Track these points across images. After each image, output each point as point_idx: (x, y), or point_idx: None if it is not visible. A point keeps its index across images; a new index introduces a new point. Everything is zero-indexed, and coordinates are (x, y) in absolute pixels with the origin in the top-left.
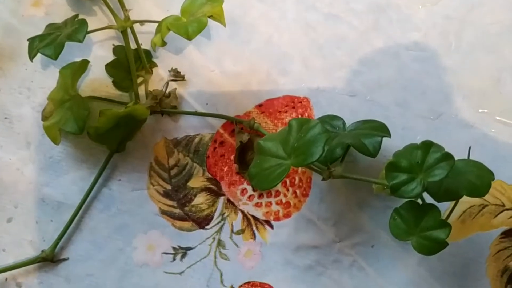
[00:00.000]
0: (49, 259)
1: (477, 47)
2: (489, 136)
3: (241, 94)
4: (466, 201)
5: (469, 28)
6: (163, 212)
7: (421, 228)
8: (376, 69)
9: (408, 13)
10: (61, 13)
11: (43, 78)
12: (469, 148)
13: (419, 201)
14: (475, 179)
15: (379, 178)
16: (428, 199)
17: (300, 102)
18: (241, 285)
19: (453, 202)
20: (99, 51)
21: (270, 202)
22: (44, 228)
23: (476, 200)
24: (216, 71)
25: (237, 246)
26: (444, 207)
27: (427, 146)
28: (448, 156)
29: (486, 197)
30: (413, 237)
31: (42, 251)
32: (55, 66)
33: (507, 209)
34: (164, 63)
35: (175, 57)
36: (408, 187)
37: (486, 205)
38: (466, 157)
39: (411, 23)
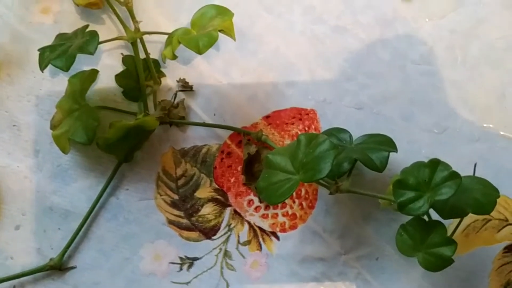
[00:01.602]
0: (57, 267)
1: (483, 61)
2: (494, 151)
3: (249, 105)
4: (470, 216)
5: (475, 42)
6: (170, 222)
7: (427, 245)
8: (383, 82)
9: (415, 27)
10: (70, 21)
11: (51, 86)
12: (475, 165)
13: (425, 217)
14: (480, 196)
15: (385, 194)
16: (434, 215)
17: (307, 114)
18: None
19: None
20: (107, 60)
21: (277, 214)
22: (51, 236)
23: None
24: (224, 82)
25: (243, 257)
26: (448, 221)
27: (435, 164)
28: (455, 175)
29: None
30: (419, 254)
31: (50, 259)
32: (63, 75)
33: (510, 224)
34: (173, 73)
35: (183, 68)
36: (416, 204)
37: (490, 220)
38: (471, 172)
39: (418, 37)
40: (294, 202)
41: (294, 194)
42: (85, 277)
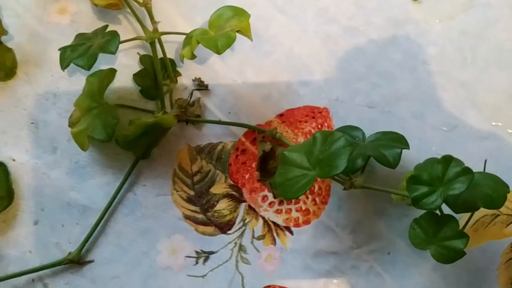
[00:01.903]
0: (75, 261)
1: (492, 62)
2: (502, 149)
3: (263, 104)
4: (479, 211)
5: (484, 44)
6: (186, 217)
7: (439, 238)
8: (394, 82)
9: (426, 28)
10: (87, 21)
11: (68, 84)
12: (485, 161)
13: (438, 212)
14: (491, 191)
15: (398, 189)
16: (446, 209)
17: (320, 112)
18: None
19: (469, 213)
20: (123, 59)
21: (290, 209)
22: (70, 231)
23: (489, 210)
24: (239, 81)
25: (258, 251)
26: (458, 215)
27: (448, 160)
28: (467, 171)
29: None
30: (432, 246)
31: (69, 253)
32: (80, 73)
33: None
34: (188, 72)
35: (199, 67)
36: (429, 199)
37: (498, 215)
38: (480, 169)
39: (428, 38)
40: (307, 198)
41: (308, 190)
42: (103, 271)
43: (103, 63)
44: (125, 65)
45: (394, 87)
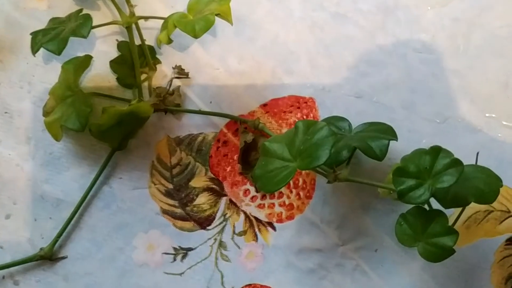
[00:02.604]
0: (47, 257)
1: (486, 50)
2: (496, 141)
3: (246, 93)
4: (471, 206)
5: (477, 31)
6: (164, 212)
7: (427, 235)
8: (383, 70)
9: (417, 14)
10: (64, 6)
11: (44, 72)
12: (477, 154)
13: (426, 206)
14: (483, 185)
15: (385, 182)
16: (435, 204)
17: (305, 102)
18: (242, 287)
19: (460, 208)
20: (101, 46)
21: (273, 204)
22: (43, 226)
23: (481, 206)
24: (221, 69)
25: (239, 247)
26: (450, 211)
27: (436, 151)
28: (457, 162)
29: None
30: (420, 244)
31: (41, 249)
32: (56, 61)
33: None
34: (168, 60)
35: (180, 54)
36: (416, 193)
37: (492, 211)
38: (473, 162)
39: (419, 25)
40: (291, 192)
41: (291, 183)
42: (76, 268)
43: (80, 50)
44: (104, 52)
45: (383, 76)
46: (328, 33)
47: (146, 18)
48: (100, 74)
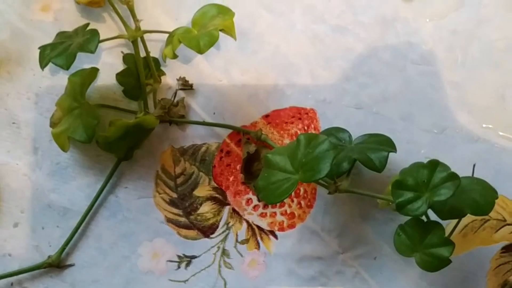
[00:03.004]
0: (55, 265)
1: (483, 62)
2: (493, 151)
3: (248, 104)
4: (468, 216)
5: (475, 43)
6: (169, 220)
7: (425, 245)
8: (383, 82)
9: (415, 27)
10: (70, 18)
11: (51, 83)
12: (473, 166)
13: (424, 218)
14: (479, 197)
15: (384, 194)
16: (432, 215)
17: (307, 113)
18: None
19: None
20: (107, 58)
21: (275, 213)
22: (50, 234)
23: None
24: (224, 81)
25: (242, 255)
26: (447, 221)
27: (434, 165)
28: (454, 176)
29: None
30: (417, 254)
31: (49, 256)
32: (63, 72)
33: (508, 224)
34: (173, 72)
35: (184, 66)
36: (414, 205)
37: (488, 220)
38: (470, 173)
39: (418, 37)
40: (292, 201)
41: (293, 193)
42: (83, 275)
43: (86, 62)
44: (109, 64)
45: (382, 88)
46: (329, 45)
47: (151, 32)
48: (106, 86)
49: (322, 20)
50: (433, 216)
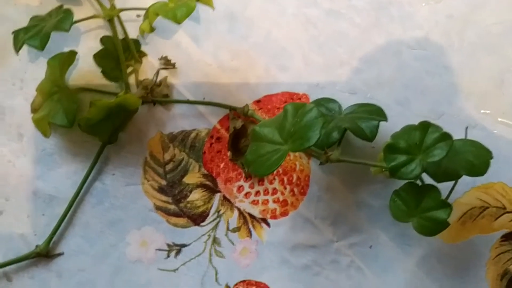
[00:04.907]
0: (43, 254)
1: (480, 47)
2: (491, 137)
3: (239, 89)
4: (466, 202)
5: (472, 27)
6: (158, 208)
7: (421, 209)
8: (377, 67)
9: (411, 11)
10: (55, 2)
11: (36, 69)
12: (466, 128)
13: (419, 182)
14: (473, 158)
15: (376, 161)
16: (428, 180)
17: (299, 98)
18: (236, 284)
19: (453, 183)
20: (87, 42)
21: (267, 200)
22: (35, 222)
23: (477, 202)
24: (214, 66)
25: (233, 244)
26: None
27: (425, 126)
28: (446, 136)
29: (487, 199)
30: (414, 219)
31: (36, 246)
32: (48, 57)
33: (508, 212)
34: (158, 55)
35: (172, 51)
36: (408, 168)
37: (487, 208)
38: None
39: (413, 21)
40: (285, 188)
41: (285, 180)
42: (69, 264)
43: (66, 46)
44: (89, 47)
45: (377, 73)
46: (322, 30)
47: (126, 10)
48: (87, 70)
49: (315, 4)
50: (428, 180)
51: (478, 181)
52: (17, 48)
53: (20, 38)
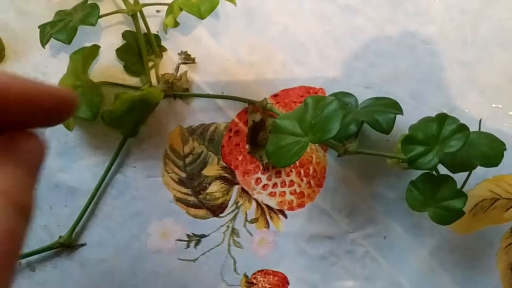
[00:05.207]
0: (66, 244)
1: (493, 42)
2: (502, 131)
3: (257, 84)
4: (478, 194)
5: (485, 22)
6: (178, 200)
7: (437, 199)
8: (392, 62)
9: (425, 6)
10: None
11: (58, 63)
12: (480, 121)
13: (434, 173)
14: (488, 150)
15: (393, 153)
16: (443, 171)
17: (316, 92)
18: (254, 273)
19: (467, 174)
20: (109, 37)
21: (284, 192)
22: (58, 214)
23: (487, 194)
24: (232, 60)
25: (251, 234)
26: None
27: (442, 118)
28: (463, 128)
29: (498, 191)
30: (430, 208)
31: (60, 236)
32: (69, 52)
33: None
34: (178, 50)
35: (191, 46)
36: (425, 159)
37: (498, 199)
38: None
39: (428, 16)
40: (302, 180)
41: (302, 172)
42: (92, 254)
43: (88, 41)
44: (111, 42)
45: (392, 67)
46: (338, 25)
47: (150, 5)
48: (108, 64)
49: (331, 0)
50: (443, 171)
51: (489, 174)
52: (44, 42)
53: (47, 32)
